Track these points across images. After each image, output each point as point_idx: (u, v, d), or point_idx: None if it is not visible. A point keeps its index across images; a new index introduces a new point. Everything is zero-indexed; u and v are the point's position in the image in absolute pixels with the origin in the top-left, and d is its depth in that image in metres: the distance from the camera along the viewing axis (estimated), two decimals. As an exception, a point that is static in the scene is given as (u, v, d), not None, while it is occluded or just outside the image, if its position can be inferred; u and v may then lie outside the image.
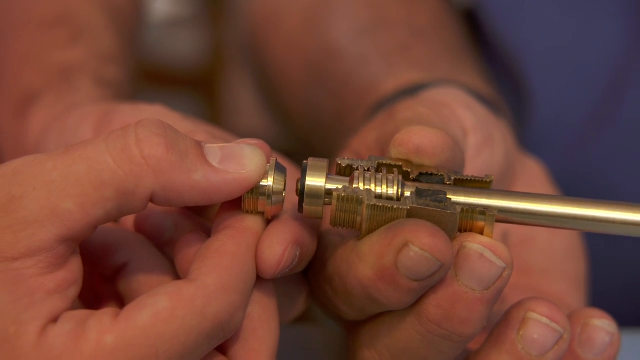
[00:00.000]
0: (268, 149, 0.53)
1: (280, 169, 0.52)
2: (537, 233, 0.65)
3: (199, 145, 0.51)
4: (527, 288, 0.63)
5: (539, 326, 0.53)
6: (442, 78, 0.72)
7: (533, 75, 0.85)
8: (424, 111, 0.60)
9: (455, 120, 0.61)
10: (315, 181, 0.52)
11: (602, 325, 0.56)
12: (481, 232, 0.52)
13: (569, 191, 0.67)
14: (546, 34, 0.85)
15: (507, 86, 0.87)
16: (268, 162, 0.52)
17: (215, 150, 0.51)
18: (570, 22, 0.84)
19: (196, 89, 2.23)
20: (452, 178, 0.53)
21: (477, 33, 0.90)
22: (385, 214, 0.51)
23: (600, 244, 0.73)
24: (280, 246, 0.51)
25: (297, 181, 0.52)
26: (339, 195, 0.51)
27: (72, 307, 0.49)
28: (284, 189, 0.52)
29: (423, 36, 0.82)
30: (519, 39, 0.85)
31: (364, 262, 0.51)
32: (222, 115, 2.13)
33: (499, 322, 0.54)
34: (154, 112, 0.59)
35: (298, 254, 0.52)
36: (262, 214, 0.52)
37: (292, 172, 0.57)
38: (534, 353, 0.53)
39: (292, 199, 0.55)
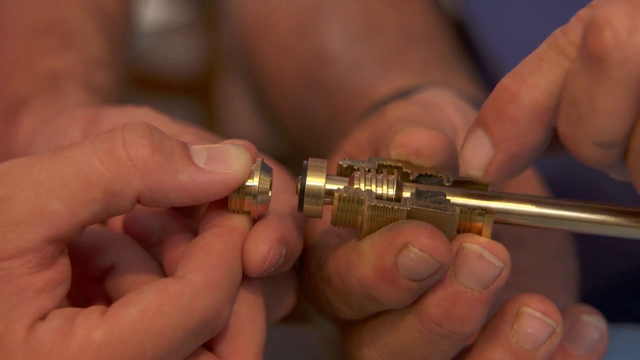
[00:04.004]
0: (254, 149, 0.53)
1: (266, 169, 0.53)
2: (528, 233, 0.65)
3: (185, 146, 0.51)
4: (518, 287, 0.63)
5: (533, 320, 0.53)
6: (435, 82, 0.72)
7: None
8: (414, 110, 0.60)
9: (446, 120, 0.61)
10: (316, 181, 0.52)
11: (591, 321, 0.56)
12: (479, 233, 0.52)
13: (559, 195, 0.67)
14: (530, 42, 0.85)
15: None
16: (254, 163, 0.52)
17: (201, 150, 0.51)
18: (553, 30, 0.84)
19: (191, 95, 2.23)
20: (451, 179, 0.54)
21: (465, 42, 0.90)
22: (385, 214, 0.52)
23: (590, 240, 0.73)
24: (265, 245, 0.51)
25: (297, 181, 0.53)
26: (340, 196, 0.52)
27: (61, 306, 0.50)
28: (270, 189, 0.53)
29: (415, 41, 0.82)
30: (504, 47, 0.85)
31: (364, 262, 0.51)
32: (217, 122, 2.12)
33: (493, 316, 0.55)
34: (142, 115, 0.60)
35: (284, 252, 0.52)
36: (248, 213, 0.53)
37: (279, 173, 0.58)
38: (528, 347, 0.53)
39: (279, 198, 0.55)
